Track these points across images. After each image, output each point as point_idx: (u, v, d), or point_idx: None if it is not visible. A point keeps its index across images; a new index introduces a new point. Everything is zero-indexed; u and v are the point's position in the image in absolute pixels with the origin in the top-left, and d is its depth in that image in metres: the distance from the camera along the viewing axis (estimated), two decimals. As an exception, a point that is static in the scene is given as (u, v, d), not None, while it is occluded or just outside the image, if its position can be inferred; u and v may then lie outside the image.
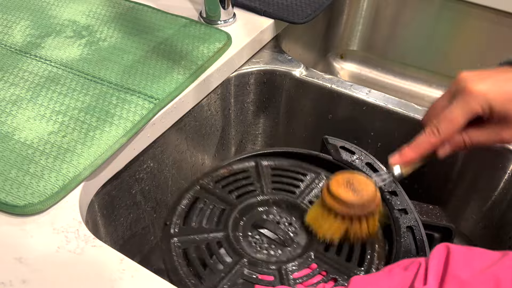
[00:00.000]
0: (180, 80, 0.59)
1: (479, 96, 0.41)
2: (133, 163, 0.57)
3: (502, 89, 0.41)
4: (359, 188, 0.43)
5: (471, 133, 0.44)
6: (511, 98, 0.41)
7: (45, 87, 0.57)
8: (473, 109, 0.42)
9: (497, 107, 0.41)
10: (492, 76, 0.42)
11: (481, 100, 0.41)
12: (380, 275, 0.38)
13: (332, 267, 0.43)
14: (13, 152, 0.49)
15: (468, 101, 0.41)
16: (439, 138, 0.44)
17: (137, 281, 0.40)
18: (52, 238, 0.43)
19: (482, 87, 0.41)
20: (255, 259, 0.43)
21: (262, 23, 0.71)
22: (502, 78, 0.42)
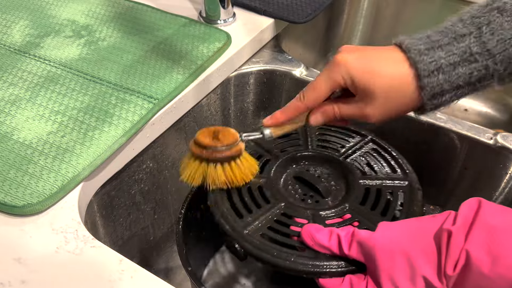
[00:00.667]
0: (180, 80, 0.58)
1: (342, 67, 0.41)
2: (132, 164, 0.57)
3: (365, 64, 0.41)
4: (222, 137, 0.45)
5: (340, 105, 0.44)
6: (371, 73, 0.40)
7: (44, 87, 0.57)
8: (335, 78, 0.42)
9: (356, 81, 0.41)
10: (364, 52, 0.42)
11: (343, 71, 0.41)
12: (408, 221, 0.39)
13: (365, 218, 0.44)
14: (12, 152, 0.49)
15: (332, 71, 0.42)
16: (303, 103, 0.44)
17: (136, 282, 0.40)
18: (51, 239, 0.43)
19: (347, 59, 0.41)
20: (292, 203, 0.46)
21: (262, 22, 0.70)
22: (372, 55, 0.41)
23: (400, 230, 0.38)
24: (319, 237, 0.40)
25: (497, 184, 0.62)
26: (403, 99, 0.41)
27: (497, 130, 0.61)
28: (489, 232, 0.34)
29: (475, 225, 0.35)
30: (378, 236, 0.38)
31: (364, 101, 0.42)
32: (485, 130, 0.60)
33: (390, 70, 0.40)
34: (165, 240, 0.71)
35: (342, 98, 0.44)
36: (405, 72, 0.40)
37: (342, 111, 0.44)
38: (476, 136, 0.60)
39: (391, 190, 0.47)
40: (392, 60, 0.41)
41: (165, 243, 0.71)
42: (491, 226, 0.34)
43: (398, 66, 0.40)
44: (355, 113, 0.43)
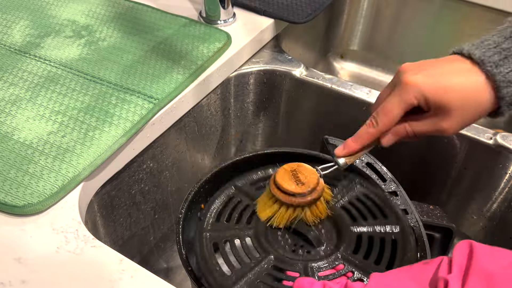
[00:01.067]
0: (180, 80, 0.58)
1: (413, 88, 0.41)
2: (132, 163, 0.57)
3: (436, 81, 0.41)
4: (303, 178, 0.45)
5: (412, 123, 0.44)
6: (443, 89, 0.41)
7: (45, 87, 0.57)
8: (407, 101, 0.42)
9: (431, 98, 0.41)
10: (430, 68, 0.42)
11: (415, 92, 0.41)
12: (400, 270, 0.38)
13: (359, 268, 0.43)
14: (13, 152, 0.49)
15: (403, 92, 0.42)
16: (377, 129, 0.44)
17: (137, 282, 0.40)
18: (52, 238, 0.43)
19: (417, 79, 0.41)
20: (282, 256, 0.45)
21: (262, 23, 0.70)
22: (439, 69, 0.42)
23: (392, 281, 0.37)
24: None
25: (497, 184, 0.62)
26: (479, 108, 0.41)
27: (496, 130, 0.61)
28: (487, 280, 0.33)
29: (470, 272, 0.34)
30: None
31: (439, 116, 0.42)
32: (485, 130, 0.60)
33: (462, 83, 0.40)
34: (165, 240, 0.71)
35: (412, 115, 0.44)
36: (480, 84, 0.40)
37: (415, 129, 0.44)
38: (475, 136, 0.60)
39: (383, 237, 0.46)
40: (463, 72, 0.41)
41: (165, 243, 0.71)
42: (488, 273, 0.33)
43: (470, 77, 0.40)
44: (429, 129, 0.43)
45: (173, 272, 0.72)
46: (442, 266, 0.35)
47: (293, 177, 0.45)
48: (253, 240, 0.45)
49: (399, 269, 0.38)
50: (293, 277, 0.42)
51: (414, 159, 0.68)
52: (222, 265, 0.43)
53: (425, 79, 0.41)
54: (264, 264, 0.43)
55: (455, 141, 0.62)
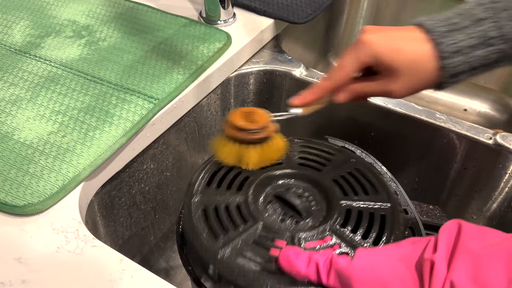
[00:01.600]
0: (180, 80, 0.58)
1: (367, 46, 0.43)
2: (132, 163, 0.57)
3: (390, 41, 0.43)
4: (255, 118, 0.47)
5: (364, 83, 0.46)
6: (397, 51, 0.43)
7: (45, 87, 0.57)
8: (360, 58, 0.44)
9: (382, 58, 0.43)
10: (386, 31, 0.44)
11: (368, 50, 0.43)
12: (387, 247, 0.38)
13: (345, 241, 0.43)
14: (13, 152, 0.49)
15: (358, 50, 0.44)
16: (331, 83, 0.46)
17: (137, 281, 0.40)
18: (52, 238, 0.43)
19: (372, 38, 0.43)
20: (271, 224, 0.45)
21: (262, 23, 0.71)
22: (394, 33, 0.44)
23: (378, 259, 0.37)
24: (297, 264, 0.39)
25: (497, 184, 0.62)
26: (424, 74, 0.43)
27: (496, 130, 0.61)
28: (473, 260, 0.33)
29: (457, 252, 0.34)
30: (356, 265, 0.37)
31: (388, 78, 0.44)
32: (485, 130, 0.60)
33: (412, 48, 0.43)
34: (165, 240, 0.71)
35: (364, 77, 0.46)
36: (427, 51, 0.43)
37: (367, 89, 0.46)
38: (475, 136, 0.60)
39: (373, 212, 0.46)
40: (414, 39, 0.43)
41: (165, 243, 0.71)
42: (474, 253, 0.33)
43: (420, 44, 0.43)
44: (378, 89, 0.46)
45: (173, 271, 0.72)
46: (429, 246, 0.35)
47: (246, 116, 0.47)
48: (243, 207, 0.45)
49: (385, 247, 0.38)
50: (279, 246, 0.42)
51: (414, 159, 0.68)
52: (210, 230, 0.43)
53: (380, 40, 0.43)
54: (252, 230, 0.43)
55: (455, 141, 0.62)
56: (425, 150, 0.65)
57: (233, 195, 0.46)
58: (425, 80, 0.44)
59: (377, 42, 0.43)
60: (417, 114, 0.63)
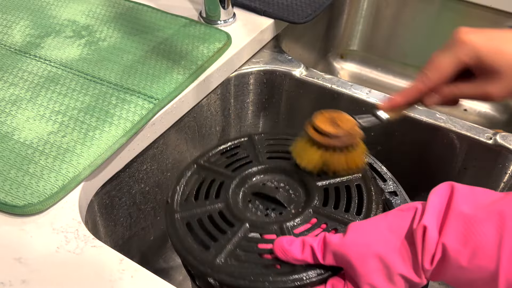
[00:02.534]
0: (180, 80, 0.58)
1: (468, 46, 0.41)
2: (132, 164, 0.57)
3: (491, 42, 0.41)
4: (341, 124, 0.46)
5: (459, 85, 0.43)
6: (499, 52, 0.41)
7: (45, 87, 0.57)
8: (460, 58, 0.42)
9: (483, 59, 0.41)
10: (487, 31, 0.42)
11: (469, 50, 0.41)
12: (377, 218, 0.39)
13: (331, 219, 0.44)
14: (13, 152, 0.49)
15: (457, 50, 0.42)
16: (426, 85, 0.44)
17: (137, 281, 0.40)
18: (52, 238, 0.43)
19: (472, 38, 0.41)
20: (256, 222, 0.45)
21: (262, 23, 0.71)
22: (497, 34, 0.42)
23: (369, 231, 0.38)
24: (292, 251, 0.39)
25: (497, 184, 0.62)
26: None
27: (496, 130, 0.61)
28: (464, 222, 0.34)
29: (449, 216, 0.34)
30: (349, 241, 0.37)
31: (487, 80, 0.42)
32: (485, 130, 0.60)
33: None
34: (165, 240, 0.71)
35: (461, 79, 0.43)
36: None
37: (463, 91, 0.44)
38: (475, 136, 0.60)
39: (348, 185, 0.47)
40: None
41: (165, 243, 0.71)
42: (466, 215, 0.34)
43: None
44: (476, 92, 0.43)
45: (173, 272, 0.72)
46: (418, 214, 0.36)
47: (331, 122, 0.45)
48: (225, 212, 0.45)
49: (374, 218, 0.39)
50: (270, 239, 0.42)
51: (414, 159, 0.68)
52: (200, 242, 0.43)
53: (480, 39, 0.41)
54: (240, 233, 0.43)
55: (455, 141, 0.62)
56: (425, 150, 0.65)
57: (213, 203, 0.46)
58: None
59: (478, 42, 0.41)
60: (417, 114, 0.63)
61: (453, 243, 0.33)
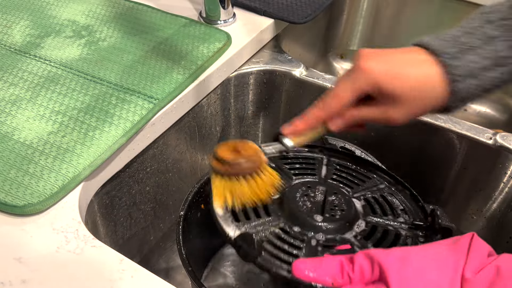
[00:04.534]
0: (180, 80, 0.58)
1: (366, 74, 0.40)
2: (132, 164, 0.57)
3: (390, 68, 0.40)
4: (243, 151, 0.44)
5: (361, 109, 0.43)
6: (398, 77, 0.40)
7: (45, 87, 0.57)
8: (359, 86, 0.41)
9: (382, 86, 0.40)
10: (386, 55, 0.41)
11: (368, 78, 0.40)
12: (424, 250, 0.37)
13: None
14: (13, 152, 0.49)
15: (356, 78, 0.41)
16: (324, 112, 0.43)
17: (137, 281, 0.40)
18: (52, 238, 0.43)
19: (371, 65, 0.40)
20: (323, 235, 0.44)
21: (262, 23, 0.71)
22: (395, 58, 0.41)
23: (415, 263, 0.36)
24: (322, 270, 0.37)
25: (497, 184, 0.62)
26: (428, 100, 0.40)
27: (496, 130, 0.61)
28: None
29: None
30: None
31: (388, 105, 0.41)
32: (485, 130, 0.60)
33: (415, 72, 0.40)
34: (165, 240, 0.71)
35: (364, 103, 0.43)
36: (435, 75, 0.39)
37: (364, 115, 0.43)
38: (475, 136, 0.60)
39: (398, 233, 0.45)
40: (419, 62, 0.40)
41: (165, 243, 0.71)
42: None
43: (427, 68, 0.40)
44: (378, 116, 0.43)
45: (173, 272, 0.72)
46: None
47: (232, 150, 0.44)
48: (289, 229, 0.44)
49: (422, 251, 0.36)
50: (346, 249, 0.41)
51: (414, 159, 0.68)
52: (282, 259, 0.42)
53: (380, 67, 0.40)
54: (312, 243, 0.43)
55: (455, 141, 0.62)
56: (425, 150, 0.65)
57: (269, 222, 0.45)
58: (430, 106, 0.41)
59: (377, 69, 0.40)
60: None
61: None
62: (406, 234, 0.46)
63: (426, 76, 0.40)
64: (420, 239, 0.46)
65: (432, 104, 0.41)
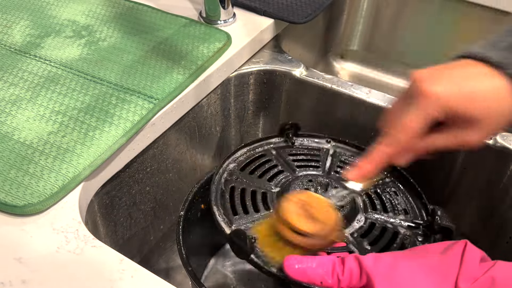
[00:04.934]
0: (180, 80, 0.58)
1: (436, 100, 0.37)
2: (132, 164, 0.57)
3: (459, 89, 0.37)
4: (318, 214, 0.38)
5: (433, 138, 0.39)
6: (470, 98, 0.37)
7: (45, 87, 0.57)
8: (429, 115, 0.37)
9: (456, 110, 0.37)
10: (447, 75, 0.38)
11: (438, 104, 0.37)
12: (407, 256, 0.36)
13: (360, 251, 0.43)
14: (13, 152, 0.49)
15: (424, 106, 0.37)
16: (395, 148, 0.40)
17: (137, 281, 0.40)
18: (52, 238, 0.43)
19: (438, 89, 0.37)
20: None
21: (262, 23, 0.70)
22: (458, 75, 0.38)
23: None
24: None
25: (496, 184, 0.62)
26: (502, 117, 0.38)
27: (496, 130, 0.61)
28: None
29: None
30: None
31: (462, 128, 0.38)
32: (485, 130, 0.60)
33: (485, 90, 0.37)
34: (165, 240, 0.71)
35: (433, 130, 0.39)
36: (502, 89, 0.36)
37: (436, 144, 0.39)
38: (475, 136, 0.60)
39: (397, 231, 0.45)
40: (482, 78, 0.37)
41: (165, 243, 0.71)
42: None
43: (492, 83, 0.37)
44: (452, 142, 0.39)
45: (173, 272, 0.72)
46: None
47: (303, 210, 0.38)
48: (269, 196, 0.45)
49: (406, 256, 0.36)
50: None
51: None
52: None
53: (447, 89, 0.37)
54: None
55: (455, 141, 0.62)
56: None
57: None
58: (503, 122, 0.38)
59: (447, 93, 0.36)
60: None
61: None
62: (405, 232, 0.46)
63: (495, 91, 0.37)
64: (419, 238, 0.46)
65: (506, 119, 0.38)
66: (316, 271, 0.36)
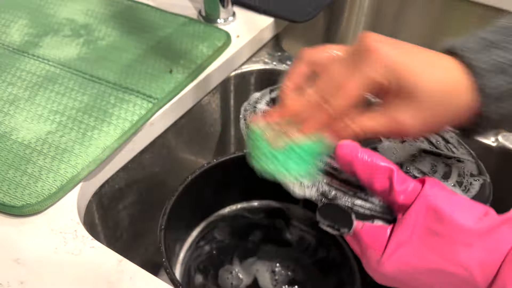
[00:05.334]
0: (179, 79, 0.58)
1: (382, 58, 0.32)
2: (131, 164, 0.57)
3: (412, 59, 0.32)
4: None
5: (359, 118, 0.33)
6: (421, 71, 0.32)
7: (43, 87, 0.56)
8: (371, 78, 0.32)
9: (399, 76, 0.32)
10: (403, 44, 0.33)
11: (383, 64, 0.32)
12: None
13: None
14: (11, 152, 0.49)
15: (368, 64, 0.32)
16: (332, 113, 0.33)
17: (136, 282, 0.40)
18: (50, 239, 0.43)
19: (387, 49, 0.32)
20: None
21: (262, 21, 0.70)
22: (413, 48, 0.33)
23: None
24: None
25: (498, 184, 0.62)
26: (449, 111, 0.33)
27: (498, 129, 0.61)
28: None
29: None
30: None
31: (396, 104, 0.32)
32: (486, 129, 0.60)
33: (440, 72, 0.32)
34: (164, 240, 0.70)
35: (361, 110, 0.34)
36: (457, 76, 0.32)
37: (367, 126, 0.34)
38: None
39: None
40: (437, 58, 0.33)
41: (165, 243, 0.71)
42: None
43: (449, 69, 0.33)
44: (384, 124, 0.33)
45: (173, 272, 0.72)
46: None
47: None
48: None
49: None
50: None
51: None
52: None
53: (398, 53, 0.32)
54: None
55: (456, 140, 0.61)
56: (426, 149, 0.65)
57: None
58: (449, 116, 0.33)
59: (394, 55, 0.32)
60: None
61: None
62: None
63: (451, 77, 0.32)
64: None
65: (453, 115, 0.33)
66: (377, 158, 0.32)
